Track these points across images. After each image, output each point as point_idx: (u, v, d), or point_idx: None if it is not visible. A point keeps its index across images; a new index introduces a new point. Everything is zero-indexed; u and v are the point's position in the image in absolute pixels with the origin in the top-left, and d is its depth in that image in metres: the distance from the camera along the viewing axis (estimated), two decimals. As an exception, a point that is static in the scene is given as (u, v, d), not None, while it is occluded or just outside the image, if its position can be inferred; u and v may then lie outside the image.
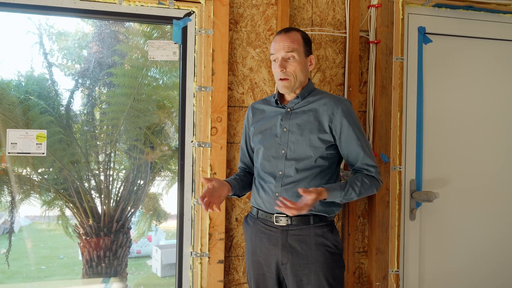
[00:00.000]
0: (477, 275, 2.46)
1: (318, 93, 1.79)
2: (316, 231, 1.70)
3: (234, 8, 2.14)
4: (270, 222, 1.74)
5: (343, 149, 1.73)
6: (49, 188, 2.98)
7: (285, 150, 1.73)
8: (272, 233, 1.73)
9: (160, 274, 3.82)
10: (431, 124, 2.38)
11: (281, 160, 1.73)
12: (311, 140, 1.70)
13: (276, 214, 1.72)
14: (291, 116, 1.75)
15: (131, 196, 3.14)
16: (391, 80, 2.24)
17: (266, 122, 1.80)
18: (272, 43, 1.74)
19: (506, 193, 2.50)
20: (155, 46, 2.14)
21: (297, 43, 1.71)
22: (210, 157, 2.07)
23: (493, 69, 2.48)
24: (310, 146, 1.70)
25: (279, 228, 1.72)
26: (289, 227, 1.71)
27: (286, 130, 1.73)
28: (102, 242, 3.07)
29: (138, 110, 2.94)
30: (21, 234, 3.69)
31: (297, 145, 1.71)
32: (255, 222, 1.80)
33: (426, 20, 2.37)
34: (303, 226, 1.70)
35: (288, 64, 1.70)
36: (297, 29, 1.76)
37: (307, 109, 1.74)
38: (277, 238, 1.72)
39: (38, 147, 2.08)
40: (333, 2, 2.25)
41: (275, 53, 1.72)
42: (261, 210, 1.78)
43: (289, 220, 1.70)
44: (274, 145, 1.75)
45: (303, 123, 1.72)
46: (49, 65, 2.84)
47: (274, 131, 1.77)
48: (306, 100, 1.76)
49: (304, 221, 1.70)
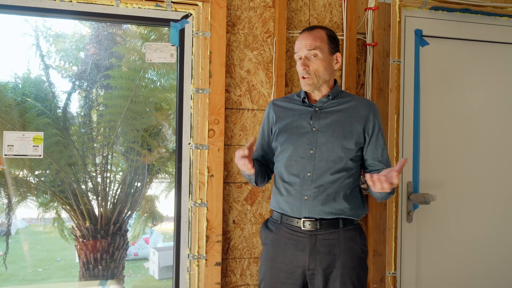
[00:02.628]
0: (474, 277, 2.46)
1: (346, 95, 1.76)
2: (346, 234, 1.66)
3: (231, 11, 2.14)
4: (297, 227, 1.67)
5: (371, 150, 1.70)
6: (45, 190, 2.97)
7: (314, 150, 1.66)
8: (299, 238, 1.66)
9: (158, 276, 3.81)
10: (428, 126, 2.39)
11: (310, 160, 1.66)
12: (343, 142, 1.65)
13: (304, 218, 1.66)
14: (321, 115, 1.70)
15: (128, 198, 3.13)
16: (388, 83, 2.25)
17: (292, 121, 1.74)
18: (296, 41, 1.71)
19: (503, 195, 2.51)
20: (152, 48, 2.14)
21: (321, 41, 1.67)
22: (207, 159, 2.07)
23: (489, 71, 2.49)
24: (342, 147, 1.65)
25: (307, 233, 1.65)
26: (318, 232, 1.65)
27: (316, 129, 1.68)
28: (99, 244, 3.06)
29: (135, 112, 2.94)
30: (18, 236, 3.68)
31: (327, 146, 1.66)
32: (278, 228, 1.72)
33: (423, 23, 2.38)
34: (332, 230, 1.65)
35: (311, 62, 1.66)
36: (322, 27, 1.72)
37: (337, 110, 1.70)
38: (304, 243, 1.65)
39: (35, 149, 2.07)
40: (330, 5, 2.25)
41: (298, 52, 1.69)
42: (285, 214, 1.70)
43: (317, 224, 1.65)
44: (302, 145, 1.68)
45: (334, 123, 1.68)
46: (46, 67, 2.84)
47: (301, 130, 1.70)
48: (336, 100, 1.72)
49: (334, 224, 1.65)
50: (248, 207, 2.16)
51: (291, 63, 2.21)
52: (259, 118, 2.17)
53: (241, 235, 2.15)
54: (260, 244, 2.17)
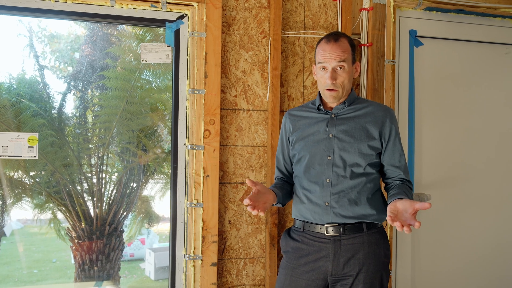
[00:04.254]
0: (469, 276, 2.47)
1: (362, 100, 1.75)
2: (370, 238, 1.65)
3: (226, 11, 2.14)
4: (320, 234, 1.66)
5: (388, 156, 1.68)
6: (41, 192, 2.96)
7: (331, 156, 1.66)
8: (322, 244, 1.65)
9: (154, 277, 3.80)
10: (422, 127, 2.40)
11: (328, 167, 1.66)
12: (360, 147, 1.65)
13: (327, 224, 1.65)
14: (337, 122, 1.69)
15: (123, 199, 3.12)
16: (383, 83, 2.26)
17: (308, 129, 1.73)
18: (320, 50, 1.66)
19: (499, 195, 2.52)
20: (147, 49, 2.13)
21: (347, 53, 1.65)
22: (203, 159, 2.07)
23: (483, 71, 2.50)
24: (359, 153, 1.64)
25: (330, 238, 1.64)
26: (342, 237, 1.64)
27: (332, 136, 1.67)
28: (95, 245, 3.05)
29: (130, 113, 2.93)
30: (12, 237, 3.66)
31: (345, 152, 1.65)
32: (300, 235, 1.72)
33: (417, 23, 2.39)
34: (356, 234, 1.64)
35: (338, 75, 1.64)
36: (345, 35, 1.69)
37: (353, 116, 1.69)
38: (328, 249, 1.64)
39: (29, 150, 2.06)
40: (325, 6, 2.26)
41: (324, 63, 1.64)
42: (308, 222, 1.70)
43: (341, 229, 1.64)
44: (319, 151, 1.68)
45: (350, 129, 1.67)
46: (41, 67, 2.83)
47: (318, 137, 1.70)
48: (353, 106, 1.71)
49: (357, 229, 1.64)
50: (244, 208, 2.16)
51: (286, 64, 2.21)
52: (255, 119, 2.18)
53: (237, 236, 2.16)
54: (255, 245, 2.17)
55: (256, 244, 2.18)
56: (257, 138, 2.18)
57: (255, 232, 2.18)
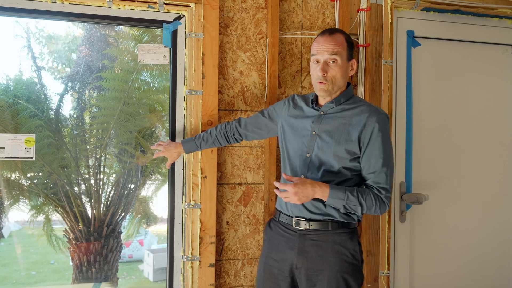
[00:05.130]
0: (467, 276, 2.47)
1: (356, 101, 1.71)
2: (335, 238, 1.65)
3: (224, 12, 2.14)
4: (290, 225, 1.71)
5: (364, 160, 1.64)
6: (38, 193, 2.95)
7: (310, 154, 1.68)
8: (290, 236, 1.70)
9: (152, 278, 3.79)
10: (420, 127, 2.40)
11: (305, 163, 1.69)
12: (337, 150, 1.64)
13: (296, 217, 1.69)
14: (322, 120, 1.69)
15: (121, 200, 3.11)
16: (381, 83, 2.26)
17: (299, 121, 1.75)
18: (315, 44, 1.67)
19: (496, 195, 2.52)
20: (145, 50, 2.13)
21: (341, 46, 1.64)
22: (200, 160, 2.07)
23: (481, 71, 2.51)
24: (335, 155, 1.64)
25: (297, 232, 1.68)
26: (307, 232, 1.67)
27: (315, 134, 1.68)
28: (92, 246, 3.04)
29: (128, 114, 2.92)
30: (10, 239, 3.65)
31: (322, 152, 1.66)
32: (275, 225, 1.78)
33: (415, 24, 2.39)
34: (321, 231, 1.65)
35: (330, 68, 1.63)
36: (341, 31, 1.69)
37: (339, 116, 1.68)
38: (294, 241, 1.68)
39: (27, 152, 2.06)
40: (323, 6, 2.26)
41: (316, 55, 1.65)
42: (283, 213, 1.75)
43: (307, 225, 1.67)
44: (301, 147, 1.71)
45: (333, 130, 1.66)
46: (38, 68, 2.82)
47: (303, 132, 1.72)
48: (341, 106, 1.69)
49: (323, 226, 1.66)
50: (242, 208, 2.16)
51: (284, 64, 2.21)
52: (252, 119, 2.17)
53: (235, 236, 2.15)
54: (253, 246, 2.17)
55: (254, 245, 2.18)
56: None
57: (253, 233, 2.17)
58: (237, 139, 1.97)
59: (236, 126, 1.95)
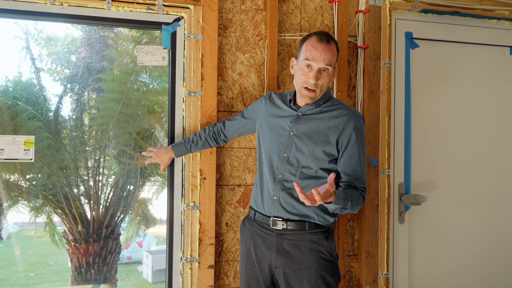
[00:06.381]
0: (466, 277, 2.48)
1: (333, 103, 1.74)
2: (311, 237, 1.69)
3: (223, 14, 2.15)
4: (267, 225, 1.74)
5: (342, 163, 1.68)
6: (37, 195, 2.95)
7: (287, 154, 1.71)
8: (267, 236, 1.73)
9: (151, 280, 3.79)
10: (419, 128, 2.41)
11: (282, 163, 1.71)
12: (314, 151, 1.67)
13: (273, 217, 1.72)
14: (301, 121, 1.71)
15: (120, 202, 3.11)
16: (379, 85, 2.26)
17: (277, 120, 1.77)
18: (311, 48, 1.64)
19: (494, 196, 2.53)
20: (144, 51, 2.13)
21: (335, 57, 1.67)
22: (199, 162, 2.07)
23: (479, 73, 2.51)
24: (313, 156, 1.67)
25: (275, 231, 1.72)
26: (285, 231, 1.70)
27: (293, 134, 1.71)
28: (91, 248, 3.04)
29: (127, 116, 2.92)
30: (9, 241, 3.64)
31: (300, 153, 1.68)
32: (251, 224, 1.81)
33: (413, 26, 2.40)
34: (298, 231, 1.70)
35: (322, 77, 1.65)
36: (334, 39, 1.70)
37: (318, 118, 1.70)
38: (272, 241, 1.72)
39: (26, 153, 2.06)
40: (322, 8, 2.27)
41: (312, 61, 1.64)
42: (258, 212, 1.78)
43: (285, 225, 1.70)
44: (278, 146, 1.73)
45: (311, 131, 1.69)
46: (37, 70, 2.82)
47: (281, 132, 1.74)
48: (320, 108, 1.72)
49: (300, 226, 1.70)
50: (241, 210, 2.16)
51: (282, 66, 2.21)
52: (251, 121, 2.17)
53: (234, 238, 2.15)
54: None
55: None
56: (253, 140, 2.18)
57: (252, 234, 2.17)
58: (224, 140, 2.02)
59: (221, 128, 1.99)
